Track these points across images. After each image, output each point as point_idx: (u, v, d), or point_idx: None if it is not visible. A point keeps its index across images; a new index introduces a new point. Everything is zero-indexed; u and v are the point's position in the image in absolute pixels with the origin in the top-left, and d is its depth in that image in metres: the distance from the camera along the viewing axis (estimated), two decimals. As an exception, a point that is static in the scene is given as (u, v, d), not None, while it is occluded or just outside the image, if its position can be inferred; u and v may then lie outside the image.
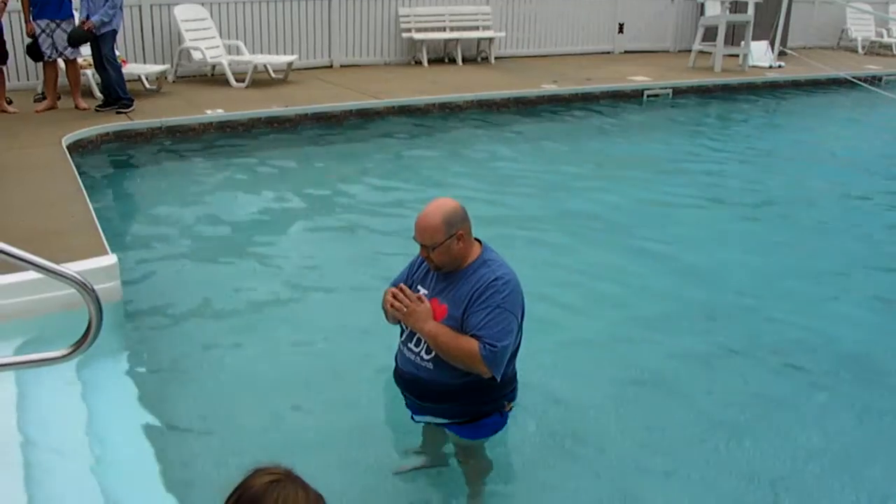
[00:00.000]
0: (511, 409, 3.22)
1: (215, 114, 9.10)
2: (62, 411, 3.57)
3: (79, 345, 2.28)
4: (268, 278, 5.42)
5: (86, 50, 8.96)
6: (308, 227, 6.47)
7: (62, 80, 9.06)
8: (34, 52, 8.78)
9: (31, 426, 3.35)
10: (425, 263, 3.08)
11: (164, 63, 10.74)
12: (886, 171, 9.24)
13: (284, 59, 11.22)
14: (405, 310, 2.96)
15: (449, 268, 3.01)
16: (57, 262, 2.28)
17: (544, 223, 6.67)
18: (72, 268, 2.41)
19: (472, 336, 2.90)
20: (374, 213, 6.78)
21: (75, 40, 8.51)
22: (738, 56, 13.84)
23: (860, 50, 16.85)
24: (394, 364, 3.24)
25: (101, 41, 8.63)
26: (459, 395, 3.03)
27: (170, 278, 5.35)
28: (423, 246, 2.99)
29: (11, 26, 9.51)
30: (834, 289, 5.67)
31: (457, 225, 2.95)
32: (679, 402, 4.11)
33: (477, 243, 3.09)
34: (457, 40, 13.26)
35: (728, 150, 9.82)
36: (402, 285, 3.06)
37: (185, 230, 6.30)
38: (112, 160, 8.08)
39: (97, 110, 8.90)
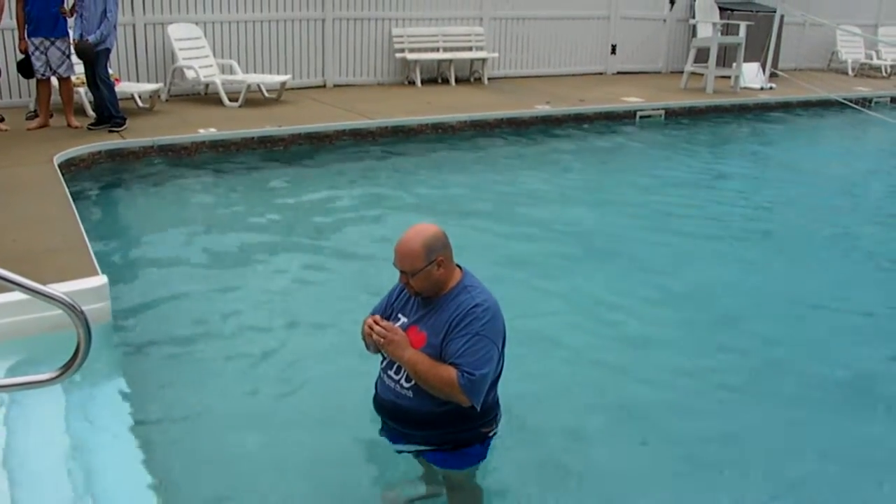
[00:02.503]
0: (494, 434, 3.18)
1: (208, 133, 9.08)
2: (49, 434, 3.52)
3: (67, 367, 2.22)
4: (258, 300, 5.38)
5: (79, 68, 8.96)
6: (298, 248, 6.43)
7: (55, 97, 9.04)
8: (25, 68, 8.77)
9: (16, 449, 3.30)
10: (406, 290, 3.04)
11: (157, 82, 10.74)
12: (877, 191, 9.28)
13: (278, 78, 11.23)
14: (382, 341, 2.93)
15: (428, 294, 2.98)
16: (46, 282, 2.24)
17: (535, 244, 6.65)
18: (61, 288, 2.36)
19: (450, 364, 2.86)
20: (366, 235, 6.74)
21: (81, 53, 8.53)
22: (729, 78, 13.92)
23: (850, 72, 16.97)
24: (374, 391, 3.20)
25: (95, 59, 8.62)
26: (439, 422, 2.98)
27: (160, 299, 5.30)
28: (402, 272, 2.96)
29: (4, 43, 9.51)
30: (824, 311, 5.64)
31: (437, 251, 2.92)
32: (669, 428, 4.07)
33: (458, 269, 3.05)
34: (450, 61, 13.31)
35: (720, 172, 9.86)
36: (376, 317, 3.02)
37: (176, 250, 6.25)
38: (104, 179, 8.03)
39: (89, 129, 8.88)
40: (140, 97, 10.26)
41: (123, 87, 9.89)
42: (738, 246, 6.99)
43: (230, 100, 10.70)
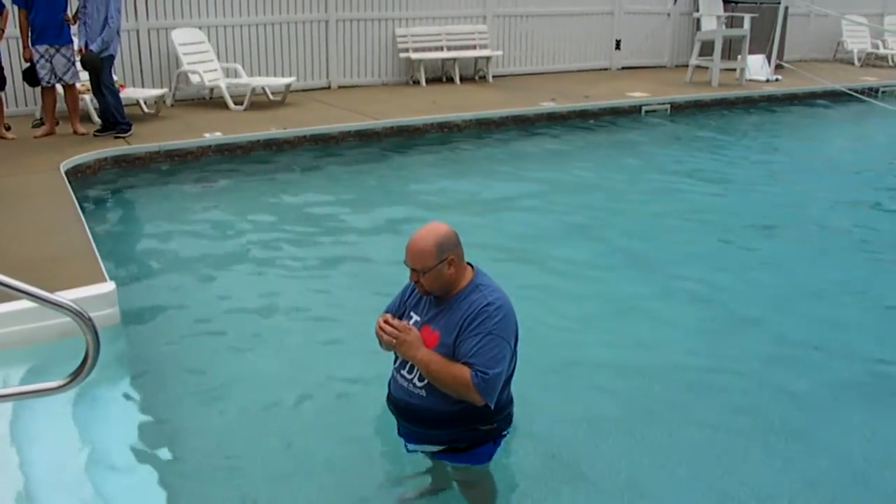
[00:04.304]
0: (508, 432, 3.16)
1: (214, 137, 9.08)
2: (58, 442, 3.51)
3: (76, 375, 2.21)
4: (267, 304, 5.36)
5: (84, 75, 8.97)
6: (307, 250, 6.42)
7: (60, 105, 9.05)
8: (30, 76, 8.79)
9: (26, 457, 3.29)
10: (417, 289, 3.03)
11: (162, 87, 10.75)
12: (886, 181, 9.21)
13: (282, 81, 11.23)
14: (394, 341, 2.92)
15: (439, 293, 2.97)
16: (54, 290, 2.22)
17: (545, 242, 6.63)
18: (69, 295, 2.36)
19: (463, 363, 2.85)
20: (374, 236, 6.74)
21: (87, 63, 8.57)
22: (735, 70, 13.87)
23: (856, 62, 16.88)
24: (387, 390, 3.18)
25: (99, 66, 8.63)
26: (452, 422, 2.97)
27: (169, 304, 5.30)
28: (413, 270, 2.95)
29: (10, 52, 9.53)
30: (837, 305, 5.59)
31: (449, 250, 2.91)
32: (685, 425, 4.04)
33: (469, 268, 3.05)
34: (454, 59, 13.28)
35: (727, 165, 9.79)
36: (388, 316, 3.02)
37: (184, 255, 6.25)
38: (110, 185, 8.05)
39: (95, 135, 8.89)
40: (145, 103, 10.27)
41: (128, 93, 9.90)
42: (749, 239, 6.94)
43: (235, 103, 10.70)
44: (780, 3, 14.22)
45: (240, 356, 4.63)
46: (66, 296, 2.20)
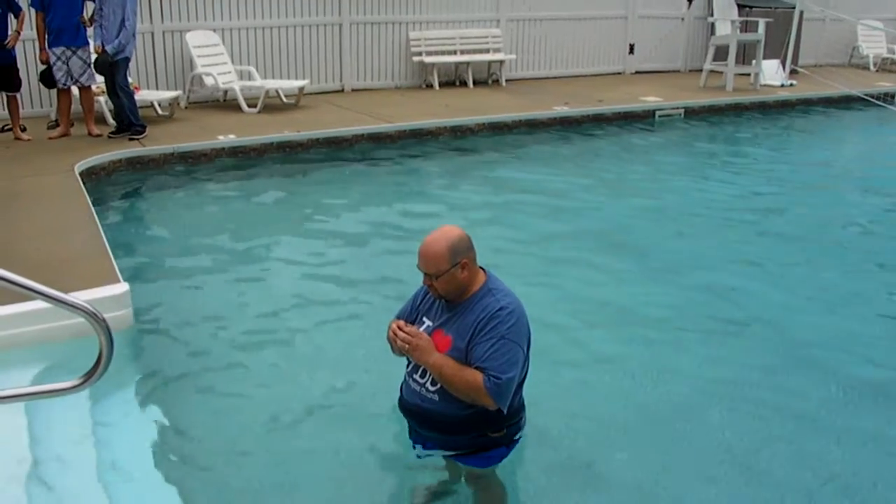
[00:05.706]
0: (520, 436, 3.15)
1: (227, 139, 9.11)
2: (72, 442, 3.52)
3: (89, 375, 2.22)
4: (280, 306, 5.37)
5: (99, 77, 9.03)
6: (320, 253, 6.43)
7: (75, 106, 9.11)
8: (47, 79, 8.86)
9: (41, 457, 3.31)
10: (430, 293, 3.03)
11: (176, 89, 10.80)
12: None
13: (296, 83, 11.26)
14: (407, 346, 2.91)
15: (452, 297, 2.96)
16: (68, 290, 2.23)
17: (557, 246, 6.61)
18: (83, 296, 2.37)
19: (476, 368, 2.84)
20: (387, 239, 6.73)
21: (101, 67, 8.63)
22: (749, 75, 13.81)
23: (872, 67, 16.80)
24: (399, 394, 3.18)
25: (114, 68, 8.69)
26: (465, 426, 2.97)
27: (182, 306, 5.32)
28: (426, 274, 2.94)
29: (25, 54, 9.59)
30: (849, 310, 5.55)
31: (461, 253, 2.90)
32: (696, 429, 4.02)
33: (481, 272, 3.04)
34: (467, 63, 13.28)
35: (741, 170, 9.75)
36: (401, 322, 3.02)
37: (197, 257, 6.27)
38: (124, 187, 8.08)
39: (110, 137, 8.94)
40: (159, 105, 10.33)
41: (143, 95, 9.96)
42: (763, 245, 6.90)
43: (249, 106, 10.74)
44: (794, 8, 14.16)
45: (253, 357, 4.63)
46: (80, 296, 2.21)
